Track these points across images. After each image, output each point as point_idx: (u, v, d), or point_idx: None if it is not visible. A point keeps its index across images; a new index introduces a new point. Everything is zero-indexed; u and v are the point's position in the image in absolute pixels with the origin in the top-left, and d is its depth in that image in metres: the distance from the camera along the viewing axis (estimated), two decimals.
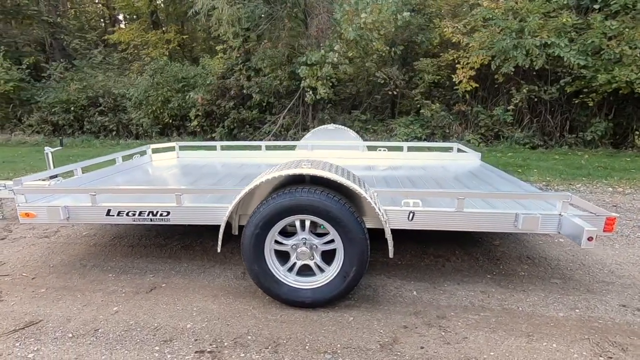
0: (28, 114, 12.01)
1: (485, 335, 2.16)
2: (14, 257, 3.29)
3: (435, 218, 2.49)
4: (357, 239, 2.25)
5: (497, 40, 8.92)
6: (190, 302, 2.54)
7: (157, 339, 2.16)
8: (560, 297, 2.55)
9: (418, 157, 4.76)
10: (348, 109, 11.94)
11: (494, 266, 3.00)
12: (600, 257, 3.14)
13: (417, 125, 10.57)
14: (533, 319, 2.31)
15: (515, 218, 2.41)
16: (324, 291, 2.37)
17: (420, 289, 2.66)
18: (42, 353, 2.07)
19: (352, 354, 2.02)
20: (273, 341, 2.13)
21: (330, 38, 10.13)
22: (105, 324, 2.32)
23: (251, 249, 2.34)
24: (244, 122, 11.40)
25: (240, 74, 11.29)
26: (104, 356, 2.04)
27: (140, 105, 11.44)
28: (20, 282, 2.85)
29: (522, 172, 6.63)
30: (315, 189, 2.25)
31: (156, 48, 13.80)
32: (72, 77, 12.20)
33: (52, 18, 14.21)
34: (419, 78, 10.79)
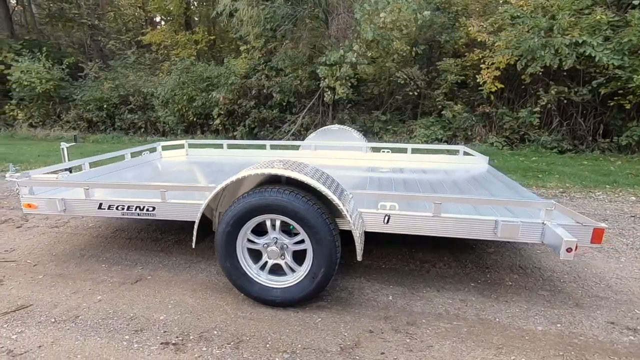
0: (66, 111, 12.80)
1: (451, 345, 2.09)
2: (23, 245, 3.53)
3: (411, 222, 2.44)
4: (325, 240, 2.24)
5: (523, 40, 8.55)
6: (169, 295, 2.63)
7: (129, 329, 2.26)
8: (544, 309, 2.42)
9: (422, 160, 4.65)
10: (369, 109, 11.85)
11: (480, 274, 2.89)
12: (600, 269, 2.95)
13: (439, 126, 10.33)
14: (507, 331, 2.21)
15: (495, 225, 2.32)
16: (293, 291, 2.39)
17: (397, 294, 2.62)
18: (24, 335, 2.22)
19: (310, 355, 2.03)
20: (237, 337, 2.17)
21: (350, 38, 10.09)
22: (87, 311, 2.45)
23: (223, 246, 2.39)
24: (265, 121, 11.58)
25: (262, 74, 11.48)
26: (78, 342, 2.16)
27: (167, 103, 11.89)
28: (23, 268, 3.06)
29: (542, 177, 6.32)
30: (285, 189, 2.26)
31: (185, 48, 14.27)
32: (106, 76, 12.87)
33: (90, 20, 15.04)
34: (441, 78, 10.53)
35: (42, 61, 12.26)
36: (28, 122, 12.91)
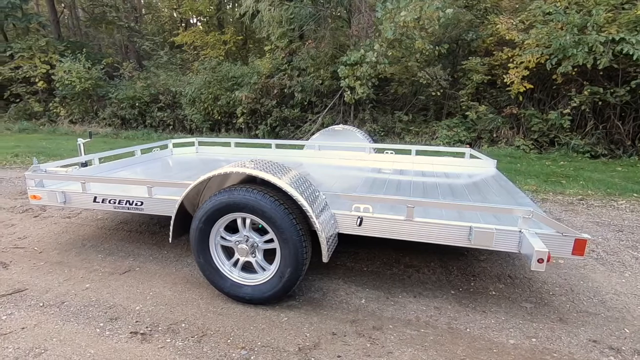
0: (102, 109, 13.56)
1: (412, 353, 2.04)
2: (35, 232, 3.80)
3: (384, 225, 2.39)
4: (291, 240, 2.25)
5: (553, 37, 8.11)
6: (150, 286, 2.74)
7: (106, 317, 2.38)
8: (522, 322, 2.30)
9: (426, 162, 4.54)
10: (391, 110, 11.69)
11: (464, 282, 2.78)
12: (598, 284, 2.76)
13: (462, 128, 10.02)
14: (476, 343, 2.12)
15: (469, 231, 2.23)
16: (262, 289, 2.42)
17: (371, 298, 2.58)
18: (13, 317, 2.40)
19: (267, 353, 2.05)
20: (202, 331, 2.23)
21: (371, 37, 10.00)
22: (73, 298, 2.60)
23: (197, 242, 2.46)
24: (286, 120, 11.71)
25: (285, 74, 11.61)
26: (57, 326, 2.30)
27: (194, 102, 12.30)
28: (29, 254, 3.30)
29: (565, 183, 5.97)
30: (253, 188, 2.29)
31: (214, 49, 14.70)
32: (138, 75, 13.50)
33: (126, 23, 15.83)
34: (467, 78, 10.20)
35: (82, 62, 13.05)
36: (69, 119, 13.80)
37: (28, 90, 14.29)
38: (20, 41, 14.10)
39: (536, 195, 5.07)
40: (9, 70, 13.74)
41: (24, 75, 13.74)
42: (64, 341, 2.16)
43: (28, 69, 13.67)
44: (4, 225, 4.04)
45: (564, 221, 4.06)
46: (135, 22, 16.73)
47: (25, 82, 14.09)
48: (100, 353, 2.06)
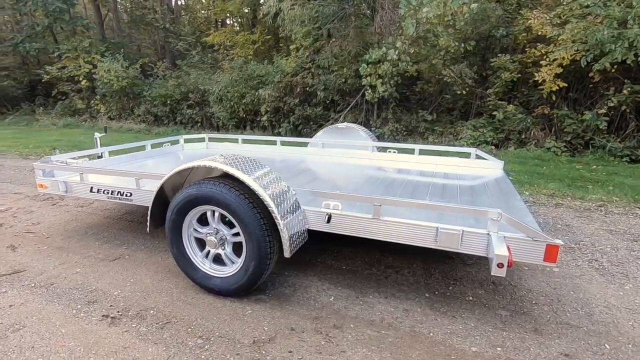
0: (137, 106, 14.27)
1: (365, 354, 2.00)
2: (47, 219, 4.08)
3: (352, 223, 2.36)
4: (254, 234, 2.27)
5: (589, 32, 7.59)
6: (133, 274, 2.87)
7: (85, 300, 2.52)
8: (492, 330, 2.18)
9: (428, 162, 4.40)
10: (416, 109, 11.43)
11: (443, 286, 2.68)
12: (591, 295, 2.56)
13: (489, 128, 9.63)
14: (435, 348, 2.04)
15: (436, 232, 2.15)
16: (229, 281, 2.46)
17: (341, 296, 2.55)
18: (6, 295, 2.60)
19: (221, 343, 2.08)
20: (167, 319, 2.31)
21: (394, 35, 9.82)
22: (62, 280, 2.78)
23: (170, 232, 2.55)
24: (308, 119, 11.77)
25: (309, 72, 11.67)
26: (40, 305, 2.47)
27: (221, 100, 12.66)
28: (36, 239, 3.55)
29: (591, 188, 5.57)
30: (220, 182, 2.34)
31: (243, 48, 15.04)
32: (170, 74, 14.08)
33: (162, 24, 16.55)
34: (495, 77, 9.78)
35: (120, 61, 13.81)
36: (107, 115, 14.65)
37: (73, 89, 15.32)
38: (66, 42, 15.14)
39: (551, 199, 4.77)
40: (56, 70, 14.81)
41: (69, 74, 14.74)
42: (42, 320, 2.31)
43: (73, 68, 14.66)
44: (24, 211, 4.37)
45: (572, 228, 3.80)
46: (171, 23, 17.44)
47: (70, 80, 15.11)
48: (69, 333, 2.19)
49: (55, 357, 2.00)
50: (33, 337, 2.15)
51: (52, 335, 2.17)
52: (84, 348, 2.06)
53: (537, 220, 3.98)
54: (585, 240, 3.49)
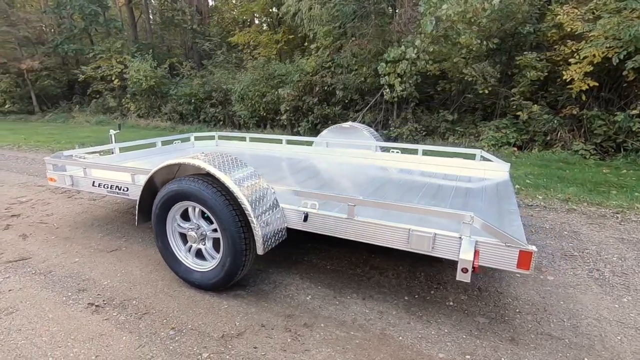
0: (164, 104, 14.79)
1: (329, 354, 1.99)
2: (61, 211, 4.33)
3: (328, 222, 2.36)
4: (229, 231, 2.32)
5: (623, 28, 7.15)
6: (126, 265, 2.99)
7: (76, 288, 2.66)
8: (466, 337, 2.12)
9: (431, 162, 4.31)
10: (437, 108, 11.18)
11: (425, 289, 2.62)
12: (582, 306, 2.42)
13: (512, 129, 9.29)
14: (401, 352, 2.00)
15: (408, 234, 2.11)
16: (208, 276, 2.52)
17: (319, 295, 2.55)
18: (8, 280, 2.78)
19: (192, 335, 2.14)
20: (146, 309, 2.40)
21: (413, 33, 9.64)
22: (60, 269, 2.94)
23: (156, 226, 2.64)
24: (327, 118, 11.77)
25: (329, 71, 11.68)
26: (36, 291, 2.62)
27: (243, 99, 12.90)
28: (47, 229, 3.78)
29: (615, 194, 5.26)
30: (199, 179, 2.40)
31: (266, 48, 15.25)
32: (195, 74, 14.49)
33: (190, 25, 17.06)
34: (520, 75, 9.41)
35: (148, 62, 14.36)
36: (136, 113, 15.28)
37: (106, 87, 16.10)
38: (101, 44, 15.92)
39: (564, 205, 4.54)
40: (91, 70, 15.60)
41: (103, 74, 15.50)
42: (34, 304, 2.46)
43: (106, 68, 15.40)
44: (41, 203, 4.66)
45: (579, 235, 3.60)
46: (199, 24, 17.94)
47: (104, 80, 15.88)
48: (55, 318, 2.32)
49: (37, 340, 2.12)
50: (22, 321, 2.29)
51: (40, 320, 2.30)
52: (65, 333, 2.17)
53: (543, 226, 3.83)
54: (590, 248, 3.30)
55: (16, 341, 2.11)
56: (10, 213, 4.28)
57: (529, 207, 4.48)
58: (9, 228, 3.83)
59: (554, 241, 3.45)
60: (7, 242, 3.47)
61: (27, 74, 16.52)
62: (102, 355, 1.99)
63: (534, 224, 3.89)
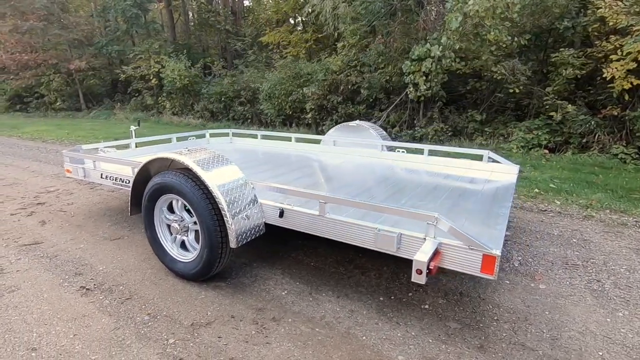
0: (197, 103, 15.36)
1: (288, 348, 2.02)
2: (80, 200, 4.64)
3: (301, 219, 2.38)
4: (206, 223, 2.40)
5: None
6: (123, 253, 3.17)
7: (73, 271, 2.86)
8: (432, 342, 2.06)
9: (436, 163, 4.20)
10: (465, 108, 10.82)
11: (403, 291, 2.57)
12: (568, 318, 2.28)
13: (545, 130, 8.81)
14: (360, 352, 1.99)
15: (375, 234, 2.09)
16: (189, 267, 2.61)
17: (294, 291, 2.57)
18: (19, 261, 3.04)
19: (164, 322, 2.24)
20: (130, 295, 2.53)
21: (439, 30, 9.37)
22: (65, 254, 3.17)
23: (145, 217, 2.77)
24: (351, 117, 11.70)
25: (354, 70, 11.63)
26: (39, 272, 2.85)
27: (270, 98, 13.13)
28: (64, 217, 4.07)
29: None
30: (180, 173, 2.50)
31: (295, 47, 15.41)
32: (226, 73, 14.92)
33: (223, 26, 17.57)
34: (556, 73, 8.90)
35: (183, 61, 14.97)
36: (171, 111, 15.98)
37: (144, 86, 16.96)
38: (140, 45, 16.78)
39: (583, 211, 4.25)
40: (131, 69, 16.50)
41: (141, 73, 16.34)
42: (34, 285, 2.68)
43: (145, 68, 16.21)
44: (66, 192, 5.02)
45: (589, 243, 3.37)
46: (233, 25, 18.44)
47: (142, 79, 16.74)
48: (49, 298, 2.51)
49: (28, 317, 2.31)
50: (20, 299, 2.50)
51: (35, 299, 2.50)
52: (53, 312, 2.35)
53: (551, 232, 3.61)
54: (598, 258, 3.08)
55: (10, 317, 2.31)
56: (37, 201, 4.65)
57: (541, 212, 4.24)
58: (32, 215, 4.16)
59: (558, 249, 3.25)
60: (27, 227, 3.78)
61: (75, 74, 17.76)
62: (80, 335, 2.14)
63: (542, 230, 3.69)
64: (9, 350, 2.02)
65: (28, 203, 4.58)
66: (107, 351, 2.00)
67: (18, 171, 6.43)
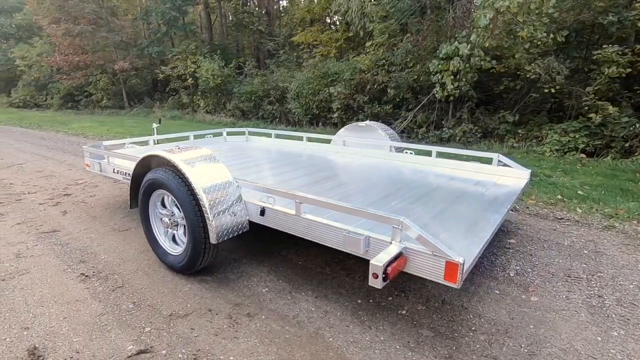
0: (229, 102, 15.82)
1: (253, 343, 2.06)
2: (103, 194, 4.95)
3: (280, 218, 2.41)
4: (190, 219, 2.49)
5: None
6: (127, 244, 3.35)
7: (78, 259, 3.07)
8: (399, 348, 2.02)
9: (444, 165, 4.08)
10: (498, 109, 10.37)
11: (383, 296, 2.53)
12: (556, 334, 2.14)
13: (583, 133, 8.28)
14: (323, 353, 1.99)
15: (344, 236, 2.08)
16: (177, 260, 2.73)
17: (275, 289, 2.61)
18: (36, 247, 3.31)
19: (146, 311, 2.36)
20: (122, 283, 2.68)
21: (469, 28, 9.04)
22: (76, 242, 3.41)
23: (140, 211, 2.92)
24: (377, 117, 11.58)
25: (382, 69, 11.49)
26: (49, 258, 3.09)
27: (298, 97, 13.27)
28: (85, 208, 4.36)
29: None
30: (170, 170, 2.61)
31: (326, 46, 15.45)
32: (256, 72, 15.25)
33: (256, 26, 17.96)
34: (598, 72, 8.33)
35: (216, 62, 15.48)
36: (205, 109, 16.57)
37: (181, 86, 17.71)
38: (178, 46, 17.54)
39: (604, 221, 3.95)
40: (169, 69, 17.30)
41: (178, 73, 17.08)
42: (42, 269, 2.90)
43: (181, 68, 16.93)
44: (92, 185, 5.37)
45: (601, 256, 3.13)
46: (266, 25, 18.80)
47: (179, 78, 17.49)
48: (52, 282, 2.71)
49: (29, 298, 2.51)
50: (27, 282, 2.73)
51: (40, 283, 2.71)
52: (51, 296, 2.54)
53: (561, 242, 3.40)
54: (607, 272, 2.86)
55: (15, 297, 2.53)
56: (65, 192, 5.02)
57: (557, 220, 3.99)
58: (58, 205, 4.50)
59: (564, 260, 3.05)
60: (50, 216, 4.10)
61: (119, 74, 18.88)
62: (69, 318, 2.30)
63: (552, 239, 3.47)
64: (5, 327, 2.21)
65: (57, 194, 4.95)
66: (88, 335, 2.14)
67: (56, 164, 6.96)
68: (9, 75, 27.15)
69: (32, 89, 24.94)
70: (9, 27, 27.17)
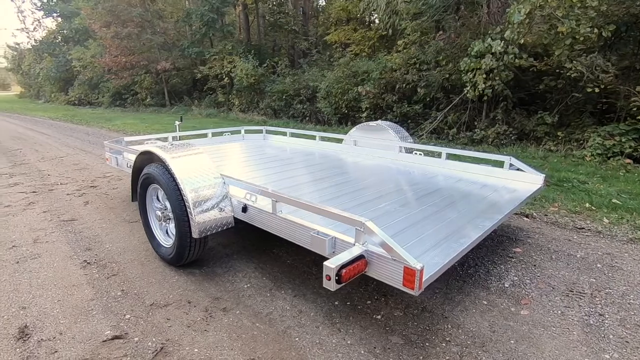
0: (261, 100, 16.15)
1: (220, 337, 2.09)
2: (125, 186, 5.25)
3: (260, 216, 2.44)
4: (176, 213, 2.58)
5: None
6: (132, 235, 3.53)
7: (85, 247, 3.28)
8: (364, 354, 1.97)
9: (454, 167, 3.92)
10: (536, 109, 9.79)
11: (363, 299, 2.47)
12: (538, 352, 1.99)
13: (631, 136, 7.65)
14: (285, 352, 1.98)
15: (312, 236, 2.07)
16: (167, 252, 2.84)
17: (256, 286, 2.64)
18: (53, 234, 3.57)
19: (131, 299, 2.47)
20: (116, 272, 2.83)
21: (503, 23, 8.59)
22: (88, 231, 3.64)
23: (139, 204, 3.07)
24: (406, 117, 11.34)
25: (413, 68, 11.22)
26: (61, 244, 3.32)
27: (327, 96, 13.28)
28: (105, 200, 4.65)
29: None
30: (161, 165, 2.71)
31: (359, 45, 15.33)
32: (288, 72, 15.44)
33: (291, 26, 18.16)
34: None
35: (251, 61, 15.85)
36: (239, 108, 17.03)
37: (218, 85, 18.32)
38: (215, 46, 18.15)
39: (631, 233, 3.61)
40: (207, 69, 17.95)
41: (215, 73, 17.68)
42: (51, 254, 3.13)
43: (218, 67, 17.52)
44: (116, 178, 5.70)
45: (616, 270, 2.86)
46: (302, 25, 18.97)
47: (216, 78, 18.10)
48: (57, 267, 2.92)
49: (34, 281, 2.72)
50: (36, 265, 2.95)
51: (47, 267, 2.93)
52: (53, 279, 2.73)
53: (574, 254, 3.19)
54: (616, 288, 2.61)
55: (22, 279, 2.75)
56: (92, 184, 5.37)
57: (576, 229, 3.70)
58: (82, 195, 4.83)
59: (571, 273, 2.82)
60: (73, 206, 4.41)
61: (161, 74, 19.87)
62: (62, 301, 2.46)
63: (564, 250, 3.22)
64: (6, 306, 2.41)
65: (84, 186, 5.31)
66: (74, 318, 2.28)
67: (92, 158, 7.46)
68: (67, 75, 29.44)
69: (85, 87, 26.88)
70: (68, 31, 29.44)
